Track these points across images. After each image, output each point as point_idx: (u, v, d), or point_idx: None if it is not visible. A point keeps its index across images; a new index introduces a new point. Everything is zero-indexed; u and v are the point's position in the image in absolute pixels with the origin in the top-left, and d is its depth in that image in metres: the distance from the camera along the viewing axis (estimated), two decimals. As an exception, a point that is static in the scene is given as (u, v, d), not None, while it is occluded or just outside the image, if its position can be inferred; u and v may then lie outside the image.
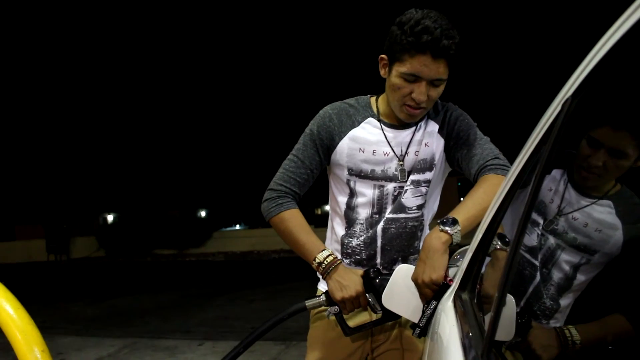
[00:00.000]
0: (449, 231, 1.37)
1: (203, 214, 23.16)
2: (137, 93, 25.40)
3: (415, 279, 1.39)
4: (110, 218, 22.36)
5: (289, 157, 1.65)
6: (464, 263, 1.30)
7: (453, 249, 1.41)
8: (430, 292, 1.37)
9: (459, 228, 1.37)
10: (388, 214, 1.59)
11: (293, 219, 1.58)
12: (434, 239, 1.37)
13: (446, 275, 1.37)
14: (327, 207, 1.80)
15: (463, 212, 1.41)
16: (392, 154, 1.58)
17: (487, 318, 1.01)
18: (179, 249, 20.17)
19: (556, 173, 1.67)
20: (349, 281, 1.48)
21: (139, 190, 24.01)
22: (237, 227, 27.69)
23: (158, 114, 25.77)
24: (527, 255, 1.68)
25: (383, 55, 1.52)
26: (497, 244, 1.29)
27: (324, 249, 1.54)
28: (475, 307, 1.16)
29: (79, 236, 21.42)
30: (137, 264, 17.13)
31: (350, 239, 1.63)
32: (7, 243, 21.34)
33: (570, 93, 0.82)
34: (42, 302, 8.35)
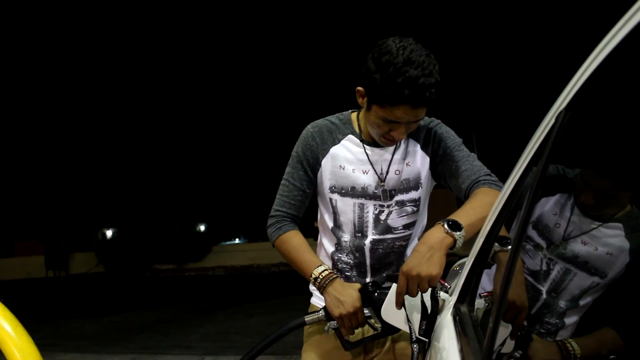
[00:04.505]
0: (455, 235, 1.30)
1: (202, 228, 23.00)
2: (134, 108, 25.48)
3: (407, 271, 1.28)
4: (109, 233, 22.20)
5: (282, 182, 1.68)
6: (462, 276, 1.30)
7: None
8: (416, 291, 1.29)
9: (463, 234, 1.32)
10: (374, 235, 1.60)
11: (291, 239, 1.61)
12: (438, 237, 1.30)
13: (442, 278, 1.34)
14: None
15: (465, 218, 1.35)
16: (372, 171, 1.58)
17: (487, 331, 1.01)
18: (179, 264, 20.05)
19: (561, 197, 1.67)
20: (347, 297, 1.45)
21: (138, 205, 23.94)
22: (237, 241, 27.53)
23: (155, 129, 25.82)
24: (531, 279, 1.68)
25: (360, 88, 1.48)
26: (496, 246, 1.27)
27: (320, 264, 1.54)
28: (474, 320, 1.16)
29: (78, 252, 21.28)
30: (136, 279, 17.07)
31: (340, 255, 1.65)
32: (5, 259, 21.18)
33: (563, 105, 0.83)
34: (41, 319, 8.30)
